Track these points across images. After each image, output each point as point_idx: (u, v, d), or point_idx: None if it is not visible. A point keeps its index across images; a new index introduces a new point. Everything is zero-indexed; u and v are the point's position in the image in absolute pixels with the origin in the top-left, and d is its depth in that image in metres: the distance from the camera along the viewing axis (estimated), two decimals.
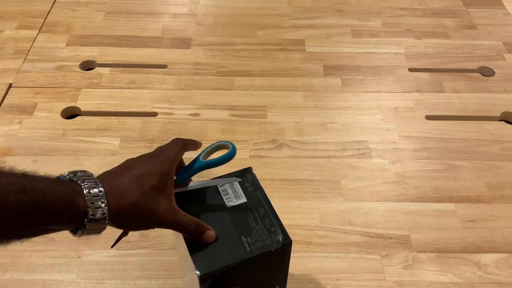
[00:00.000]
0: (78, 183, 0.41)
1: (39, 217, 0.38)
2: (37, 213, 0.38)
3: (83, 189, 0.41)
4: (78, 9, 1.13)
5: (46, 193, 0.38)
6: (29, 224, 0.38)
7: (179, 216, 0.46)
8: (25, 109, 0.89)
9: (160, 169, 0.46)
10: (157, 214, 0.45)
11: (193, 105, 0.91)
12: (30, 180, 0.38)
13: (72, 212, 0.40)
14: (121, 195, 0.43)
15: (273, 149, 0.83)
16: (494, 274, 0.67)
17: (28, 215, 0.37)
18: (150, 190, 0.44)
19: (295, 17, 1.13)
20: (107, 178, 0.44)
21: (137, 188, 0.44)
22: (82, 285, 0.65)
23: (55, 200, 0.39)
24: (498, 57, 1.03)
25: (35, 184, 0.38)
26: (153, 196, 0.44)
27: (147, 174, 0.45)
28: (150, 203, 0.44)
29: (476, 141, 0.85)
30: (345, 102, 0.93)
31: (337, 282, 0.66)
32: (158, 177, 0.45)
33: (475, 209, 0.75)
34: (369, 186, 0.78)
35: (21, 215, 0.37)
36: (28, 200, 0.37)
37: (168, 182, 0.46)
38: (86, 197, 0.40)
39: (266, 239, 0.48)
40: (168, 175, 0.47)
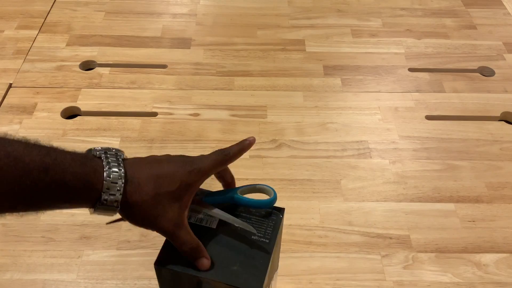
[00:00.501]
0: (103, 164, 0.42)
1: (57, 195, 0.40)
2: (56, 191, 0.39)
3: (104, 172, 0.41)
4: (78, 9, 1.13)
5: (67, 174, 0.39)
6: (46, 200, 0.40)
7: (181, 232, 0.45)
8: (25, 109, 0.89)
9: (183, 179, 0.45)
10: (161, 220, 0.44)
11: (193, 105, 0.91)
12: (53, 159, 0.39)
13: (88, 192, 0.41)
14: (137, 189, 0.43)
15: (273, 149, 0.83)
16: (494, 274, 0.67)
17: (46, 192, 0.39)
18: (165, 194, 0.44)
19: (295, 17, 1.13)
20: (132, 165, 0.44)
21: (153, 188, 0.43)
22: (82, 285, 0.65)
23: (75, 182, 0.40)
24: (498, 57, 1.03)
25: (58, 164, 0.39)
26: (166, 201, 0.44)
27: (169, 178, 0.44)
28: (159, 207, 0.44)
29: (476, 141, 0.85)
30: (345, 102, 0.93)
31: (337, 282, 0.66)
32: (178, 185, 0.44)
33: (475, 209, 0.75)
34: (369, 186, 0.78)
35: (40, 192, 0.38)
36: (49, 180, 0.38)
37: (187, 194, 0.45)
38: (104, 181, 0.41)
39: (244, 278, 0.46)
40: (190, 187, 0.45)
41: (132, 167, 0.43)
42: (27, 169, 0.37)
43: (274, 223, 0.51)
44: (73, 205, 0.42)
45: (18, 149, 0.37)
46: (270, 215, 0.52)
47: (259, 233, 0.50)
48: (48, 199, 0.40)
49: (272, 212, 0.52)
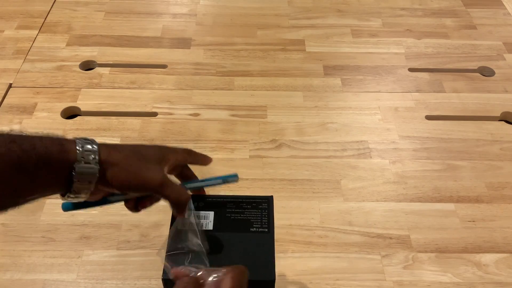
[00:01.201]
0: (72, 139, 0.42)
1: (30, 165, 0.38)
2: (28, 161, 0.38)
3: (76, 143, 0.41)
4: (78, 9, 1.13)
5: (36, 140, 0.39)
6: (21, 176, 0.38)
7: (172, 183, 0.45)
8: (25, 109, 0.89)
9: (157, 151, 0.46)
10: (149, 172, 0.44)
11: (193, 105, 0.91)
12: (18, 133, 0.39)
13: (62, 156, 0.40)
14: (113, 149, 0.43)
15: (273, 149, 0.83)
16: (494, 274, 0.67)
17: (19, 164, 0.37)
18: (144, 155, 0.45)
19: (295, 17, 1.13)
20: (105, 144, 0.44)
21: (132, 149, 0.44)
22: (82, 285, 0.65)
23: (45, 146, 0.39)
24: (498, 57, 1.03)
25: (24, 136, 0.39)
26: (147, 160, 0.44)
27: (144, 149, 0.46)
28: (142, 162, 0.44)
29: (476, 141, 0.85)
30: (345, 102, 0.93)
31: (337, 282, 0.66)
32: (153, 151, 0.46)
33: (475, 209, 0.75)
34: (369, 186, 0.78)
35: (13, 165, 0.37)
36: (18, 149, 0.37)
37: (163, 162, 0.46)
38: (77, 146, 0.40)
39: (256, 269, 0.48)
40: (164, 158, 0.46)
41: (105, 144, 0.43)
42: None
43: (268, 212, 0.53)
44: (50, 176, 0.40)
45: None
46: (260, 204, 0.53)
47: (256, 224, 0.51)
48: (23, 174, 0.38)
49: (262, 202, 0.53)
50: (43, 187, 0.40)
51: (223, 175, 0.53)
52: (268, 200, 0.54)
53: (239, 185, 0.78)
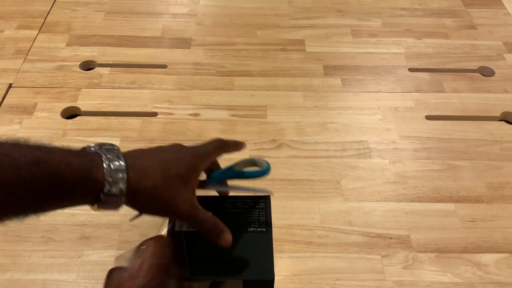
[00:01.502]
0: (99, 154, 0.39)
1: (53, 190, 0.37)
2: (51, 186, 0.36)
3: (103, 161, 0.39)
4: (78, 9, 1.13)
5: (61, 165, 0.36)
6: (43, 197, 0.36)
7: (199, 211, 0.44)
8: (25, 109, 0.89)
9: (189, 161, 0.44)
10: (176, 202, 0.42)
11: (193, 105, 0.91)
12: (45, 152, 0.36)
13: (87, 185, 0.38)
14: (142, 174, 0.41)
15: (273, 149, 0.83)
16: (494, 274, 0.67)
17: (41, 188, 0.36)
18: (174, 177, 0.42)
19: (295, 17, 1.13)
20: (132, 155, 0.42)
21: (161, 172, 0.42)
22: (82, 285, 0.65)
23: (70, 173, 0.37)
24: (498, 57, 1.03)
25: (50, 156, 0.36)
26: (176, 184, 0.42)
27: (175, 162, 0.43)
28: (171, 189, 0.42)
29: (476, 141, 0.85)
30: (345, 102, 0.93)
31: (337, 282, 0.66)
32: (184, 168, 0.43)
33: (475, 209, 0.75)
34: (369, 186, 0.78)
35: (35, 189, 0.35)
36: (42, 173, 0.35)
37: (193, 176, 0.44)
38: (104, 169, 0.38)
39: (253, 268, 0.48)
40: (196, 169, 0.45)
41: (132, 157, 0.41)
42: (16, 164, 0.34)
43: (265, 211, 0.53)
44: (72, 201, 0.39)
45: (5, 146, 0.35)
46: (257, 204, 0.53)
47: (254, 224, 0.51)
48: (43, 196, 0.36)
49: (259, 201, 0.53)
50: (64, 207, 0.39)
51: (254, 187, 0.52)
52: (266, 199, 0.54)
53: None
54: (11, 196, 0.35)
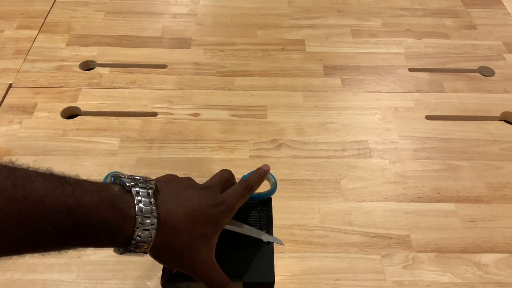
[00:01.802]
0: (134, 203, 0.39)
1: (81, 239, 0.37)
2: (80, 235, 0.37)
3: (136, 218, 0.38)
4: (78, 9, 1.13)
5: (94, 219, 0.36)
6: (68, 243, 0.37)
7: (213, 273, 0.45)
8: (25, 109, 0.89)
9: (216, 220, 0.44)
10: (197, 264, 0.43)
11: (193, 105, 0.91)
12: (79, 200, 0.36)
13: (116, 239, 0.39)
14: (171, 236, 0.41)
15: (273, 149, 0.83)
16: (494, 274, 0.67)
17: (69, 236, 0.36)
18: (199, 237, 0.43)
19: (295, 17, 1.13)
20: (164, 202, 0.41)
21: (188, 232, 0.42)
22: (82, 285, 0.65)
23: (102, 227, 0.37)
24: (498, 57, 1.03)
25: (83, 206, 0.36)
26: (200, 244, 0.43)
27: (203, 219, 0.43)
28: (194, 251, 0.43)
29: (476, 141, 0.85)
30: (345, 102, 0.93)
31: (337, 282, 0.66)
32: (212, 227, 0.44)
33: (475, 209, 0.75)
34: (369, 186, 0.78)
35: (62, 236, 0.36)
36: (72, 223, 0.35)
37: (217, 233, 0.45)
38: (136, 227, 0.38)
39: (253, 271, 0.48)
40: (221, 227, 0.45)
41: (164, 205, 0.41)
42: (47, 212, 0.34)
43: (266, 213, 0.52)
44: (97, 248, 0.40)
45: (38, 188, 0.34)
46: (258, 206, 0.53)
47: (255, 226, 0.51)
48: (70, 243, 0.37)
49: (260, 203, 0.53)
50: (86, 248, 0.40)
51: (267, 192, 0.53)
52: (267, 201, 0.54)
53: None
54: (37, 240, 0.35)
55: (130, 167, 0.79)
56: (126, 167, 0.79)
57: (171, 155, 0.82)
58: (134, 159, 0.80)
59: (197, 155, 0.82)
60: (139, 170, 0.79)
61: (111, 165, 0.79)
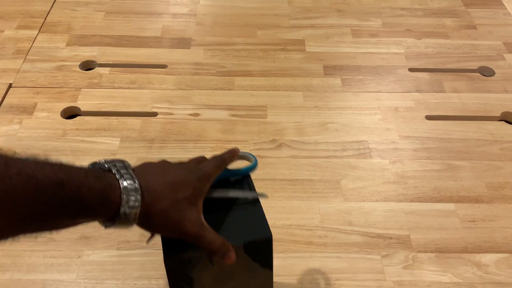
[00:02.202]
0: (116, 177, 0.41)
1: (73, 211, 0.39)
2: (72, 207, 0.38)
3: (121, 186, 0.41)
4: (78, 9, 1.13)
5: (83, 188, 0.38)
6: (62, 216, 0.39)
7: (206, 232, 0.46)
8: (25, 109, 0.89)
9: (195, 185, 0.46)
10: (185, 224, 0.44)
11: (193, 105, 0.91)
12: (67, 174, 0.38)
13: (106, 207, 0.40)
14: (154, 199, 0.43)
15: (273, 149, 0.83)
16: (494, 274, 0.67)
17: (62, 209, 0.38)
18: (182, 200, 0.44)
19: (295, 17, 1.13)
20: (144, 176, 0.43)
21: (170, 195, 0.44)
22: (82, 285, 0.65)
23: (91, 196, 0.39)
24: (498, 57, 1.03)
25: (72, 178, 0.38)
26: (184, 206, 0.45)
27: (183, 184, 0.45)
28: (180, 212, 0.44)
29: (476, 141, 0.85)
30: (345, 102, 0.93)
31: (337, 282, 0.66)
32: (192, 190, 0.46)
33: (475, 209, 0.75)
34: (369, 186, 0.78)
35: (56, 209, 0.37)
36: (64, 195, 0.37)
37: (200, 198, 0.47)
38: (122, 193, 0.40)
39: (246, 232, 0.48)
40: (201, 192, 0.47)
41: (144, 178, 0.43)
42: (41, 185, 0.36)
43: (248, 183, 0.54)
44: (88, 220, 0.41)
45: (29, 165, 0.36)
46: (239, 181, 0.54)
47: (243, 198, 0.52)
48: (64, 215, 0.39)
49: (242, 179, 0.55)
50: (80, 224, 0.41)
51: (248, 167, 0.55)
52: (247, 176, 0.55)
53: None
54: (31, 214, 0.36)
55: None
56: None
57: (171, 155, 0.82)
58: (134, 159, 0.80)
59: (197, 155, 0.82)
60: None
61: None
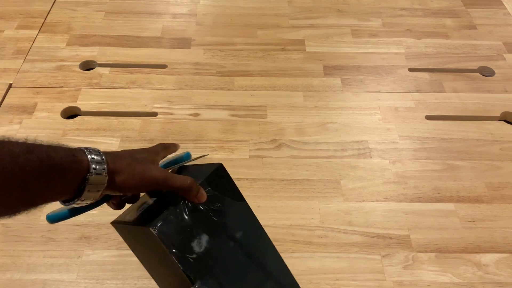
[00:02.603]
0: (81, 148, 0.44)
1: (47, 174, 0.40)
2: (45, 170, 0.40)
3: (84, 150, 0.43)
4: (78, 9, 1.13)
5: (50, 151, 0.41)
6: (39, 181, 0.40)
7: (176, 176, 0.48)
8: (25, 109, 0.89)
9: (147, 156, 0.50)
10: (152, 170, 0.47)
11: (193, 105, 0.91)
12: (34, 142, 0.41)
13: (76, 165, 0.42)
14: (116, 157, 0.46)
15: (273, 149, 0.83)
16: (494, 274, 0.67)
17: (37, 172, 0.39)
18: (142, 159, 0.48)
19: (295, 17, 1.13)
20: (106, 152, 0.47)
21: (129, 155, 0.48)
22: (82, 285, 0.65)
23: (59, 157, 0.41)
24: (498, 57, 1.03)
25: (40, 146, 0.40)
26: (146, 162, 0.48)
27: (139, 152, 0.50)
28: (144, 164, 0.47)
29: (476, 141, 0.85)
30: (345, 102, 0.93)
31: (337, 282, 0.66)
32: (147, 154, 0.50)
33: (475, 209, 0.75)
34: (369, 186, 0.78)
35: (31, 173, 0.39)
36: (36, 159, 0.39)
37: (155, 162, 0.50)
38: (87, 153, 0.43)
39: None
40: (154, 161, 0.51)
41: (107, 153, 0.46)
42: (13, 153, 0.38)
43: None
44: (64, 184, 0.42)
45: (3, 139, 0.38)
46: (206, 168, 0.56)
47: None
48: (39, 180, 0.40)
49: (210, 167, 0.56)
50: (57, 194, 0.43)
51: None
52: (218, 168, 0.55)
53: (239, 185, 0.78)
54: (11, 183, 0.38)
55: None
56: None
57: (171, 155, 0.81)
58: None
59: (197, 155, 0.82)
60: None
61: None
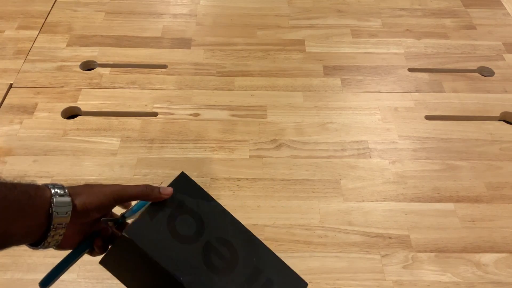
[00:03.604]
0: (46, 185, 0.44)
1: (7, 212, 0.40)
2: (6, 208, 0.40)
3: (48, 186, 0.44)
4: (79, 10, 1.13)
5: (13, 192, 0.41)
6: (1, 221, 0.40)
7: (133, 186, 0.49)
8: (26, 109, 0.89)
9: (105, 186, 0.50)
10: (108, 187, 0.48)
11: (193, 105, 0.91)
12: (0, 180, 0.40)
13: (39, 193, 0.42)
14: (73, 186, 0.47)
15: (273, 149, 0.84)
16: (493, 274, 0.67)
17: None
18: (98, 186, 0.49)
19: (295, 17, 1.13)
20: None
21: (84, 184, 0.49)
22: (82, 285, 0.65)
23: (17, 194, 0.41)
24: (497, 57, 1.03)
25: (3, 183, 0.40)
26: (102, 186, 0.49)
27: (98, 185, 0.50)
28: (99, 185, 0.49)
29: (476, 141, 0.86)
30: (345, 102, 0.93)
31: (337, 282, 0.66)
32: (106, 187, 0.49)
33: (475, 209, 0.75)
34: (368, 186, 0.78)
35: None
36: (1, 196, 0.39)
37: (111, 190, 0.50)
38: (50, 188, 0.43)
39: None
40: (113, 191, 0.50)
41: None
42: None
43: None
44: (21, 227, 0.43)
45: None
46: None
47: None
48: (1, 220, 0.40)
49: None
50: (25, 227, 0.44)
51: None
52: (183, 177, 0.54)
53: (239, 185, 0.78)
54: None
55: (130, 167, 0.79)
56: (126, 167, 0.79)
57: (171, 155, 0.82)
58: (134, 159, 0.80)
59: (197, 155, 0.82)
60: (139, 170, 0.79)
61: (111, 165, 0.80)
